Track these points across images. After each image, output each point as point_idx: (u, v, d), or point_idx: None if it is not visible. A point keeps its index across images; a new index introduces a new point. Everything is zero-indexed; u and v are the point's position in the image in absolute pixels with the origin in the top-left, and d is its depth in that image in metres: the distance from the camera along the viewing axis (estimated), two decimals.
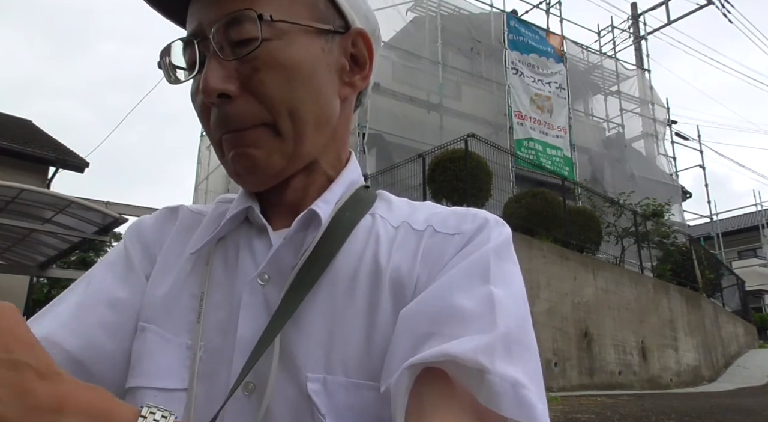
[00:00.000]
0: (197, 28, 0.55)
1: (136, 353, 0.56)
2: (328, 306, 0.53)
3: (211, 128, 0.56)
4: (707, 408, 5.82)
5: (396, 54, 12.30)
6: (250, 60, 0.53)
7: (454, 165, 8.35)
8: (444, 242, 0.55)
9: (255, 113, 0.54)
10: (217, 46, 0.53)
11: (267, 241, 0.58)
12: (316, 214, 0.56)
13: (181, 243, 0.62)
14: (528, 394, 0.44)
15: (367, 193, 0.62)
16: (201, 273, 0.58)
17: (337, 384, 0.50)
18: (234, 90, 0.53)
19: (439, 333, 0.46)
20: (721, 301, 14.03)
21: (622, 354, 8.77)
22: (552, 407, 5.38)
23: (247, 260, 0.57)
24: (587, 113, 16.00)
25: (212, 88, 0.52)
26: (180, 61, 0.58)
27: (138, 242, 0.64)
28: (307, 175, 0.59)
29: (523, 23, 13.78)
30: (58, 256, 10.65)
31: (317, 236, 0.55)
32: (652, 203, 12.03)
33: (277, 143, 0.55)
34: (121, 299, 0.59)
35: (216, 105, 0.54)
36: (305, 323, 0.52)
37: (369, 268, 0.54)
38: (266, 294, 0.54)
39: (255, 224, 0.60)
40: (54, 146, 12.92)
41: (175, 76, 0.58)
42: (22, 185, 8.06)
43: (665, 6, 18.33)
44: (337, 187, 0.60)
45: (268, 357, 0.51)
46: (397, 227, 0.58)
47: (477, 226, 0.56)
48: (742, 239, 25.42)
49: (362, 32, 0.60)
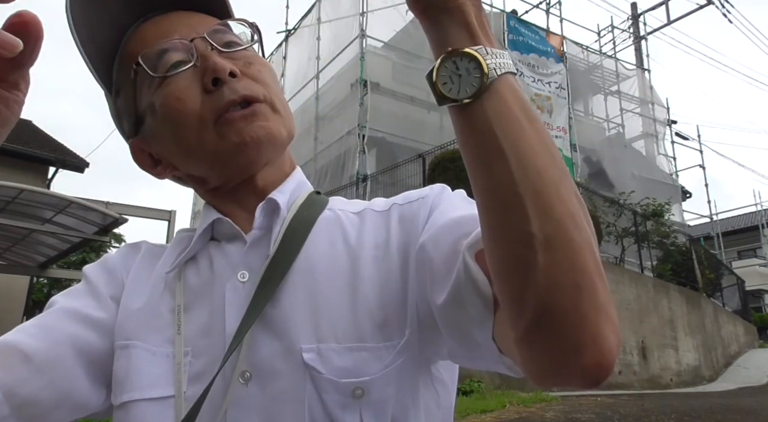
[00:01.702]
0: (183, 35, 0.62)
1: (122, 370, 0.58)
2: (309, 288, 0.57)
3: (213, 106, 0.60)
4: (707, 408, 5.82)
5: (396, 54, 12.30)
6: (241, 57, 0.64)
7: (454, 165, 8.34)
8: (411, 207, 0.63)
9: (258, 89, 0.62)
10: (219, 45, 0.63)
11: (239, 244, 0.62)
12: (275, 202, 0.62)
13: (148, 268, 0.66)
14: None
15: (319, 197, 0.69)
16: (174, 289, 0.62)
17: (330, 351, 0.54)
18: (238, 72, 0.62)
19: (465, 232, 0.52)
20: (721, 301, 14.02)
21: (622, 353, 8.77)
22: (552, 407, 5.38)
23: (222, 265, 0.61)
24: (587, 113, 16.00)
25: (226, 66, 0.60)
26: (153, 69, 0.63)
27: (102, 271, 0.67)
28: (273, 168, 0.66)
29: (523, 23, 13.77)
30: (58, 256, 10.64)
31: (282, 228, 0.60)
32: (652, 203, 12.02)
33: (278, 117, 0.63)
34: (92, 318, 0.61)
35: (224, 82, 0.60)
36: (288, 305, 0.56)
37: (341, 248, 0.60)
38: (247, 290, 0.58)
39: (224, 235, 0.64)
40: (54, 146, 12.92)
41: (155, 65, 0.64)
42: (22, 185, 8.06)
43: (665, 6, 18.32)
44: (289, 182, 0.67)
45: (259, 345, 0.55)
46: (358, 213, 0.65)
47: (438, 189, 0.64)
48: (742, 239, 25.42)
49: None
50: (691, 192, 17.83)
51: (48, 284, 21.50)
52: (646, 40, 17.86)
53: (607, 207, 10.82)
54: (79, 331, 0.60)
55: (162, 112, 0.61)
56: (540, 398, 5.83)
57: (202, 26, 0.63)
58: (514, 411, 5.09)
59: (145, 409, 0.55)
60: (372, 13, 11.42)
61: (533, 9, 15.10)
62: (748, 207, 28.10)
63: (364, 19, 11.19)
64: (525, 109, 0.44)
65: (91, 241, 10.03)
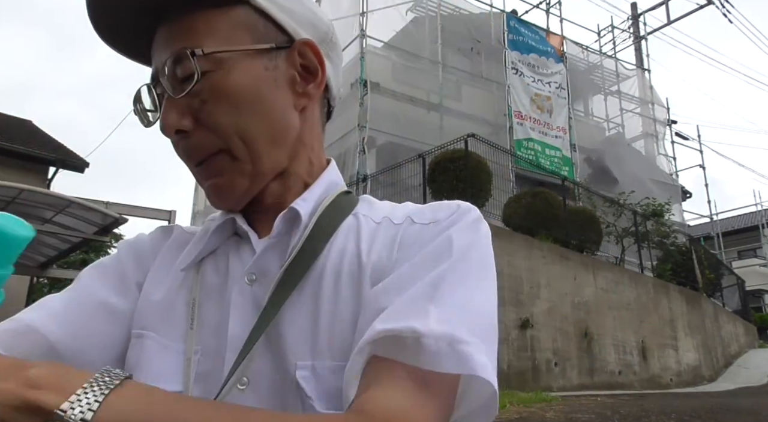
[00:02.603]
0: (153, 71, 0.59)
1: (133, 359, 0.58)
2: (314, 301, 0.56)
3: (182, 155, 0.61)
4: (707, 408, 5.82)
5: (396, 54, 12.30)
6: (196, 94, 0.56)
7: (454, 165, 8.34)
8: (420, 231, 0.58)
9: (210, 143, 0.57)
10: (169, 86, 0.57)
11: (252, 245, 0.61)
12: (296, 212, 0.59)
13: (172, 258, 0.66)
14: (466, 348, 0.46)
15: (348, 197, 0.65)
16: (192, 283, 0.61)
17: (324, 369, 0.52)
18: (188, 125, 0.57)
19: (386, 314, 0.49)
20: (721, 301, 14.02)
21: (622, 353, 8.77)
22: (552, 407, 5.38)
23: (236, 265, 0.60)
24: (587, 113, 16.01)
25: (169, 126, 0.57)
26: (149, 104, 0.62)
27: (132, 253, 0.67)
28: (281, 182, 0.63)
29: (523, 23, 13.78)
30: (58, 256, 10.65)
31: (302, 237, 0.58)
32: (652, 203, 12.03)
33: (237, 165, 0.58)
34: (113, 305, 0.62)
35: (176, 141, 0.59)
36: (292, 318, 0.55)
37: (352, 263, 0.57)
38: (254, 294, 0.57)
39: (242, 234, 0.63)
40: (54, 146, 12.91)
41: (148, 120, 0.63)
42: (22, 185, 8.07)
43: (665, 6, 18.34)
44: (316, 187, 0.63)
45: (258, 353, 0.54)
46: (379, 223, 0.61)
47: (449, 213, 0.59)
48: (742, 239, 25.42)
49: (308, 42, 0.62)
50: (691, 192, 17.84)
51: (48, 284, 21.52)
52: (646, 40, 17.89)
53: (607, 207, 10.82)
54: (103, 322, 0.60)
55: None
56: (540, 398, 5.83)
57: (170, 48, 0.57)
58: (514, 411, 5.09)
59: None
60: (372, 13, 11.42)
61: (533, 9, 15.13)
62: (748, 207, 28.15)
63: (364, 19, 11.20)
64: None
65: (91, 241, 10.04)
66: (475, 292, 0.52)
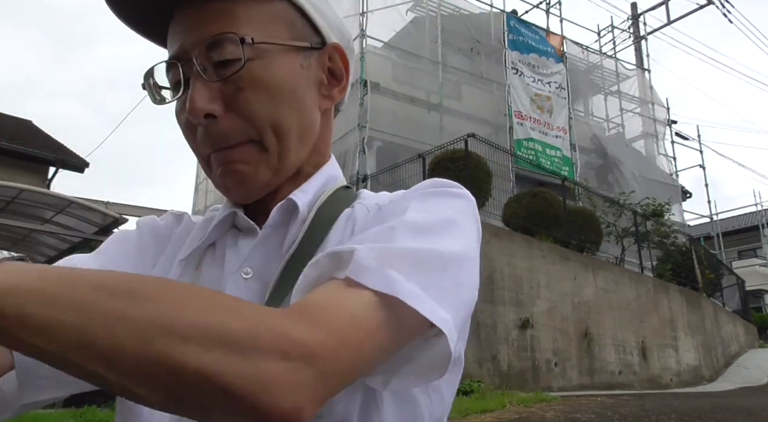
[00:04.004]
0: (179, 51, 0.57)
1: None
2: None
3: (198, 145, 0.59)
4: (707, 408, 5.82)
5: (396, 54, 12.30)
6: (233, 80, 0.55)
7: (454, 165, 8.35)
8: (392, 206, 0.58)
9: (241, 131, 0.56)
10: (200, 68, 0.55)
11: (251, 239, 0.60)
12: (293, 203, 0.59)
13: (178, 248, 0.65)
14: (394, 273, 0.44)
15: (347, 192, 0.65)
16: (191, 277, 0.60)
17: None
18: (219, 110, 0.55)
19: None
20: (721, 301, 14.02)
21: (622, 353, 8.77)
22: (552, 407, 5.38)
23: (232, 258, 0.59)
24: (587, 112, 16.01)
25: (199, 109, 0.55)
26: (164, 81, 0.60)
27: (151, 232, 0.68)
28: (292, 180, 0.62)
29: (523, 23, 13.78)
30: (58, 256, 10.64)
31: (301, 231, 0.57)
32: (652, 203, 12.03)
33: (264, 157, 0.57)
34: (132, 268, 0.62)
35: (203, 125, 0.56)
36: None
37: None
38: (249, 288, 0.56)
39: (241, 227, 0.62)
40: (54, 146, 12.91)
41: (160, 97, 0.61)
42: (22, 185, 8.07)
43: (665, 6, 18.34)
44: (314, 180, 0.63)
45: None
46: (370, 210, 0.61)
47: (422, 186, 0.59)
48: (742, 239, 25.41)
49: (338, 47, 0.63)
50: (691, 192, 17.84)
51: None
52: (646, 40, 17.88)
53: (607, 207, 10.82)
54: None
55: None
56: (540, 398, 5.83)
57: (207, 30, 0.55)
58: (514, 411, 5.09)
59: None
60: (372, 13, 11.42)
61: (533, 9, 15.11)
62: (748, 207, 28.14)
63: (364, 19, 11.20)
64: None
65: (91, 241, 10.03)
66: (427, 239, 0.49)
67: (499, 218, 9.12)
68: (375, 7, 11.51)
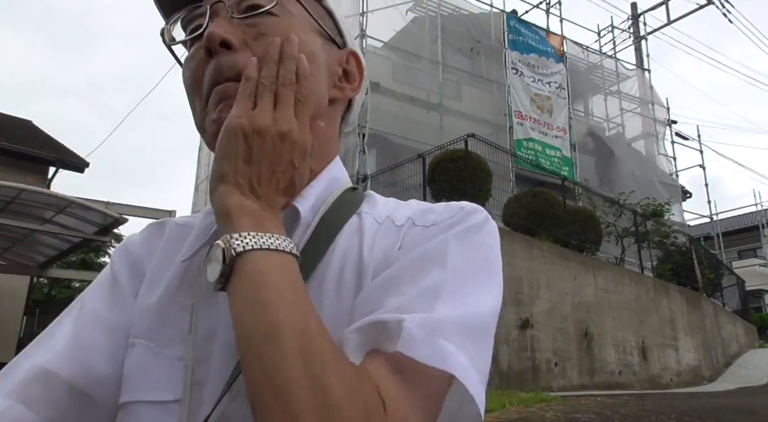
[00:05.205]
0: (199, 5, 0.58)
1: (127, 368, 0.56)
2: (316, 306, 0.53)
3: (204, 81, 0.56)
4: (707, 408, 5.82)
5: (396, 54, 12.30)
6: (256, 24, 0.55)
7: (454, 165, 8.34)
8: (422, 233, 0.56)
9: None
10: (229, 9, 0.56)
11: None
12: (295, 210, 0.56)
13: (170, 255, 0.62)
14: (446, 344, 0.44)
15: (354, 194, 0.62)
16: (192, 284, 0.57)
17: None
18: (236, 42, 0.54)
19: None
20: (721, 301, 14.02)
21: (622, 353, 8.77)
22: (552, 407, 5.38)
23: None
24: (587, 112, 16.01)
25: (217, 34, 0.53)
26: (180, 35, 0.60)
27: (125, 261, 0.64)
28: None
29: (523, 23, 13.78)
30: (58, 256, 10.65)
31: (303, 239, 0.55)
32: (652, 203, 12.03)
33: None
34: (113, 321, 0.59)
35: (216, 53, 0.54)
36: None
37: (354, 266, 0.55)
38: None
39: None
40: (54, 146, 12.91)
41: (171, 37, 0.60)
42: (22, 185, 8.06)
43: (665, 6, 18.33)
44: (317, 183, 0.60)
45: None
46: (381, 223, 0.59)
47: (450, 215, 0.57)
48: (742, 239, 25.42)
49: (355, 54, 0.65)
50: (691, 192, 17.83)
51: (48, 284, 21.51)
52: (646, 40, 17.88)
53: (607, 207, 10.82)
54: (108, 342, 0.58)
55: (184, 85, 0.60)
56: (540, 398, 5.82)
57: None
58: (514, 411, 5.08)
59: (144, 412, 0.52)
60: (372, 13, 11.42)
61: (533, 9, 15.12)
62: (748, 207, 28.18)
63: (364, 19, 11.20)
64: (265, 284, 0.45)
65: (91, 241, 10.03)
66: (470, 298, 0.50)
67: (499, 218, 9.11)
68: (375, 7, 11.50)
